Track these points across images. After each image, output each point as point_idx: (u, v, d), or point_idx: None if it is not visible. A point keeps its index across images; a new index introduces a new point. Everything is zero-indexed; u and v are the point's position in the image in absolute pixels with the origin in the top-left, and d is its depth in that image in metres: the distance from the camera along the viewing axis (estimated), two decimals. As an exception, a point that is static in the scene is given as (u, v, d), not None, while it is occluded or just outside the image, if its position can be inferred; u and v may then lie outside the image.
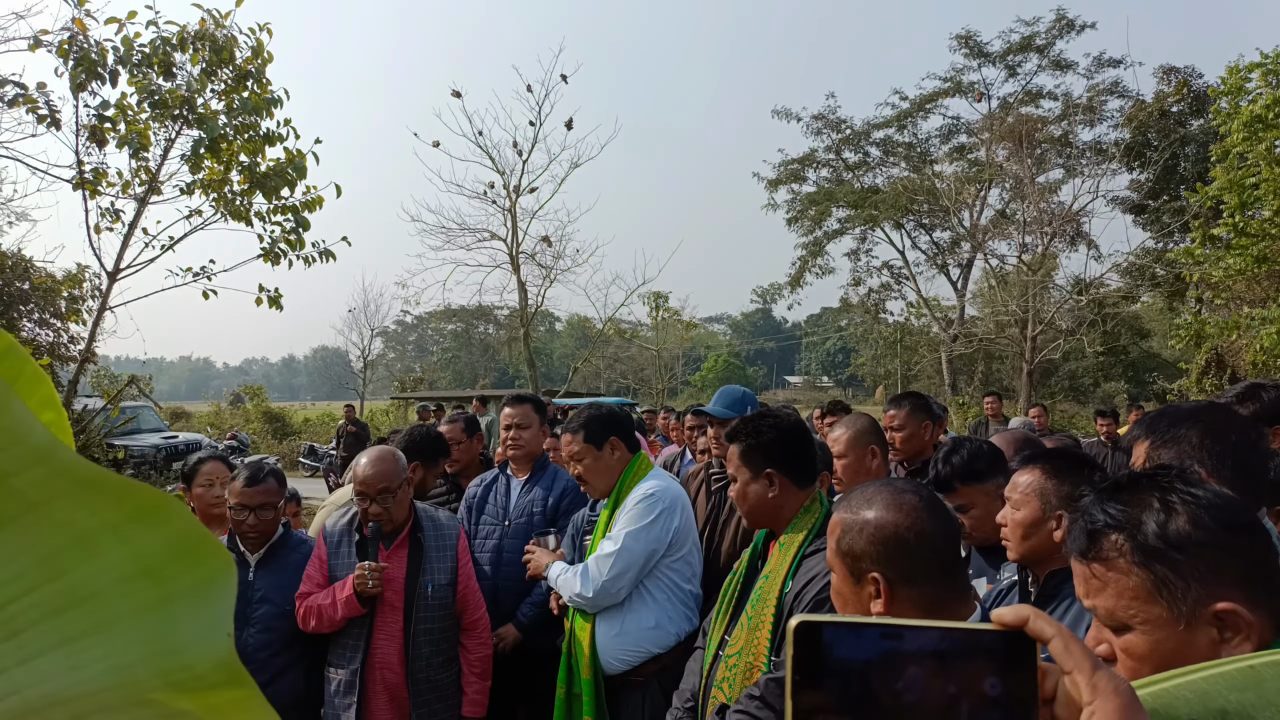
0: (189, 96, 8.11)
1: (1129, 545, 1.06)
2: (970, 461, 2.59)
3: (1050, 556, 2.07)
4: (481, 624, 3.27)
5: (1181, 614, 1.02)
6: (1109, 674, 0.61)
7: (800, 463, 2.41)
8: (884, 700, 0.62)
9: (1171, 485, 1.08)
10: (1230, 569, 1.02)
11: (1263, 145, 16.32)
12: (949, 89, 29.05)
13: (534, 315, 20.87)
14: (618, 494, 3.14)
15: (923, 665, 0.62)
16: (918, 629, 0.63)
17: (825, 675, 0.63)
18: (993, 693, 0.61)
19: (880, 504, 1.51)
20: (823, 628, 0.63)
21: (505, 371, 57.21)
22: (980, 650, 0.62)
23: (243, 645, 3.06)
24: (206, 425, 27.17)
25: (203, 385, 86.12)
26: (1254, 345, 16.65)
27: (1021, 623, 0.63)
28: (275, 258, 8.91)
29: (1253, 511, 1.08)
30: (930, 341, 31.84)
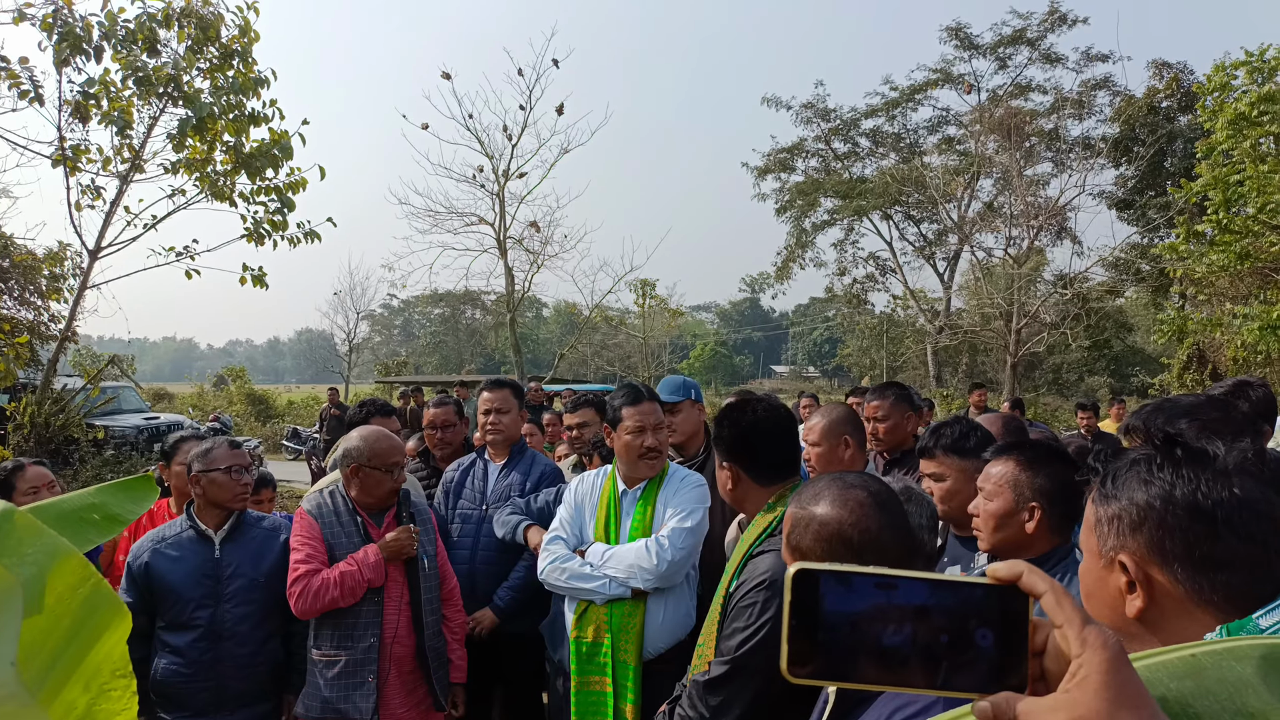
0: (174, 74, 8.03)
1: (1096, 486, 1.21)
2: (959, 437, 2.60)
3: (1022, 548, 2.07)
4: (456, 592, 3.38)
5: (1103, 553, 1.16)
6: (1098, 628, 0.62)
7: (760, 458, 2.38)
8: (875, 648, 0.63)
9: (1153, 455, 1.16)
10: (1149, 533, 1.11)
11: (1247, 142, 16.42)
12: (938, 80, 29.07)
13: (521, 300, 20.82)
14: (659, 480, 3.11)
15: (915, 616, 0.63)
16: (912, 581, 0.64)
17: (820, 623, 0.64)
18: (984, 644, 0.63)
19: (827, 499, 1.52)
20: (820, 576, 0.65)
21: (491, 357, 57.04)
22: (973, 604, 0.64)
23: (221, 620, 3.08)
24: (189, 407, 27.02)
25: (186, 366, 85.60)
26: (1235, 341, 16.81)
27: (1015, 577, 0.64)
28: (259, 238, 8.85)
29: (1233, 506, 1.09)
30: (916, 333, 31.97)
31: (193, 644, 3.07)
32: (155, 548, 3.16)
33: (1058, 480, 2.07)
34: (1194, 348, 18.43)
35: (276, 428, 25.18)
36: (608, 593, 2.93)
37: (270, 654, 3.19)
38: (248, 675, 3.11)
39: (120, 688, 0.93)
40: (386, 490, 3.16)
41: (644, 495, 3.09)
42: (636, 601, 2.93)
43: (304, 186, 8.95)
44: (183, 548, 3.15)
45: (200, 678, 3.06)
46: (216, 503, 3.18)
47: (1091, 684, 0.60)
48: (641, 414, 3.07)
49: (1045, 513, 2.07)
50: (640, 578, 2.90)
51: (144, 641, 3.13)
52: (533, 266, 20.01)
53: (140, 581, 3.11)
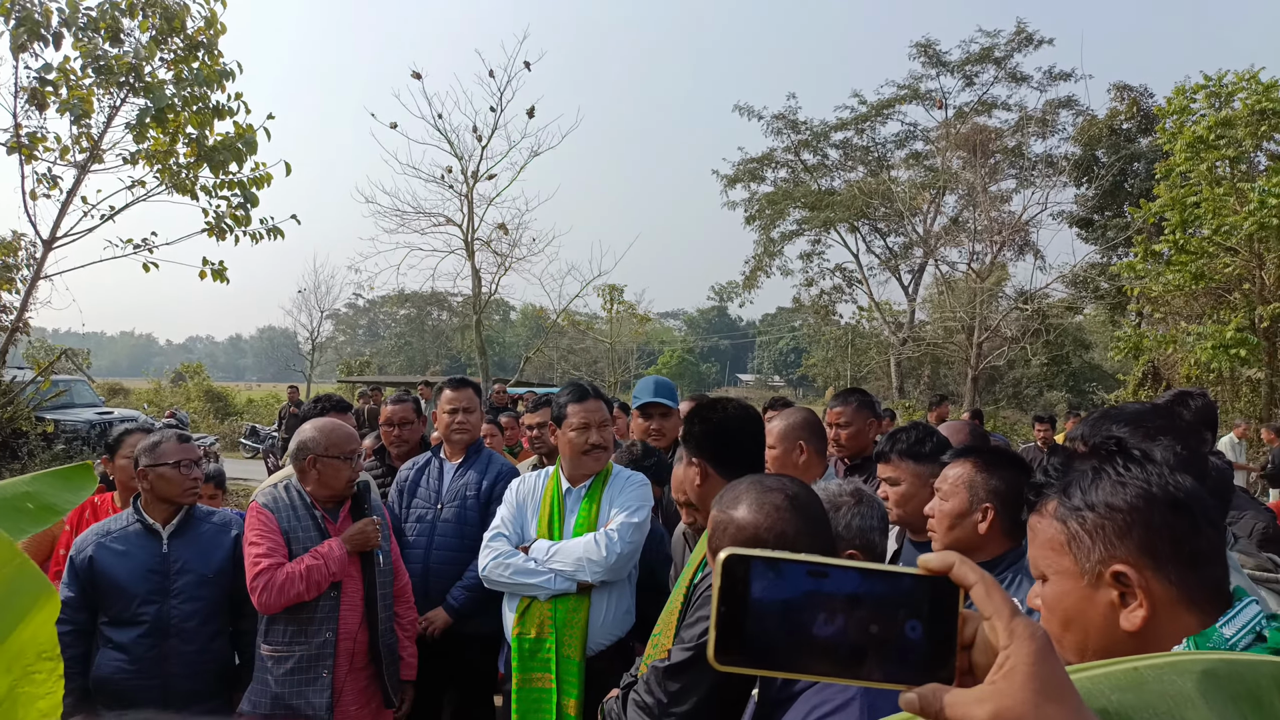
0: (136, 64, 7.88)
1: (1055, 500, 1.14)
2: (915, 442, 2.63)
3: (973, 548, 2.10)
4: (408, 589, 3.36)
5: (1085, 570, 1.09)
6: (1026, 620, 0.62)
7: (731, 455, 2.39)
8: (805, 637, 0.63)
9: (1111, 457, 1.14)
10: (1138, 536, 1.07)
11: (1204, 165, 16.81)
12: (907, 95, 29.42)
13: (488, 303, 20.71)
14: (603, 478, 3.15)
15: (845, 605, 0.63)
16: (843, 570, 0.64)
17: (749, 610, 0.63)
18: (913, 635, 0.63)
19: (745, 504, 1.52)
20: (751, 562, 0.64)
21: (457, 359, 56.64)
22: (903, 594, 0.64)
23: (167, 617, 3.02)
24: (144, 403, 26.50)
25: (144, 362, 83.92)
26: (1189, 360, 17.18)
27: (946, 568, 0.64)
28: (221, 233, 8.70)
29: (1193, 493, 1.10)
30: (880, 345, 32.28)
31: (138, 640, 3.00)
32: (100, 541, 3.08)
33: (1012, 484, 2.11)
34: (1149, 365, 18.77)
35: (235, 425, 24.80)
36: (552, 588, 2.94)
37: (218, 651, 3.14)
38: (195, 673, 3.05)
39: (46, 671, 0.90)
40: (345, 480, 3.11)
41: (589, 493, 3.11)
42: (581, 597, 2.95)
43: (269, 182, 8.82)
44: (129, 542, 3.08)
45: (146, 675, 2.99)
46: (164, 498, 3.11)
47: (1018, 676, 0.60)
48: (587, 411, 3.09)
49: (998, 514, 2.10)
50: (589, 570, 2.91)
51: (85, 638, 3.05)
52: (500, 269, 19.92)
53: (83, 576, 3.03)
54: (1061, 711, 0.59)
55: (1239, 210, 16.17)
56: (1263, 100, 16.36)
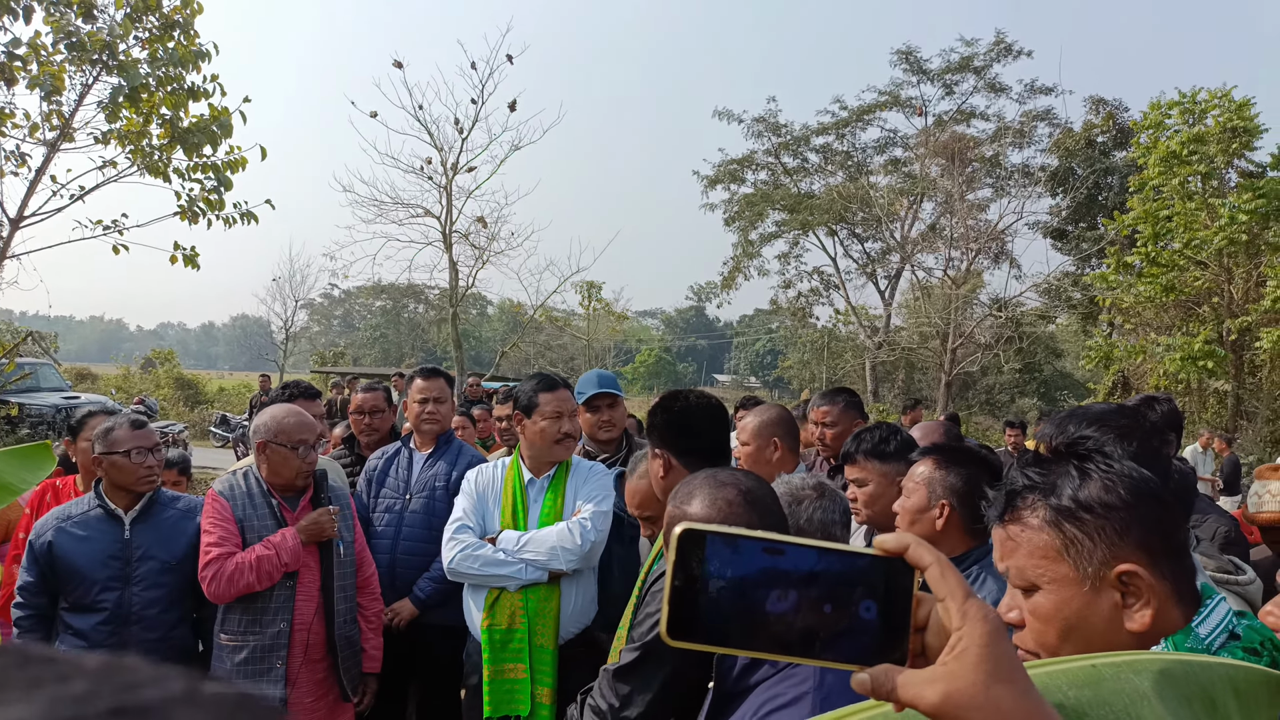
0: (110, 41, 7.74)
1: (1043, 506, 1.10)
2: (880, 442, 2.63)
3: (934, 544, 2.11)
4: (373, 580, 3.30)
5: (1087, 575, 1.06)
6: (979, 602, 0.62)
7: (694, 445, 2.37)
8: (758, 615, 0.62)
9: (1089, 455, 1.12)
10: (1136, 534, 1.05)
11: (1176, 180, 17.07)
12: (887, 102, 29.62)
13: (464, 296, 20.60)
14: (565, 469, 3.15)
15: (800, 583, 0.62)
16: (799, 547, 0.63)
17: (703, 586, 0.62)
18: (867, 615, 0.63)
19: (699, 498, 1.51)
20: (706, 537, 0.63)
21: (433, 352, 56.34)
22: (858, 574, 0.63)
23: (128, 604, 2.96)
24: (112, 388, 26.12)
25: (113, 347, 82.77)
26: (1158, 370, 17.45)
27: (902, 549, 0.64)
28: (193, 216, 8.57)
29: (1164, 485, 1.10)
30: (856, 348, 32.48)
31: (97, 627, 2.95)
32: (60, 526, 3.02)
33: (970, 481, 2.12)
34: (1119, 374, 19.05)
35: (205, 414, 24.50)
36: (523, 578, 2.92)
37: (179, 639, 3.08)
38: (155, 661, 2.98)
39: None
40: (293, 470, 3.04)
41: (553, 484, 3.10)
42: (552, 586, 2.94)
43: (243, 166, 8.70)
44: (90, 527, 3.02)
45: None
46: (119, 485, 3.05)
47: (970, 657, 0.60)
48: (559, 400, 3.10)
49: (955, 510, 2.11)
50: (564, 559, 2.90)
51: (44, 623, 3.00)
52: (478, 262, 19.82)
53: (43, 561, 2.97)
54: (1011, 692, 0.60)
55: (1209, 225, 16.43)
56: (1234, 118, 16.64)
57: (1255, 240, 16.34)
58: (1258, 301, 16.17)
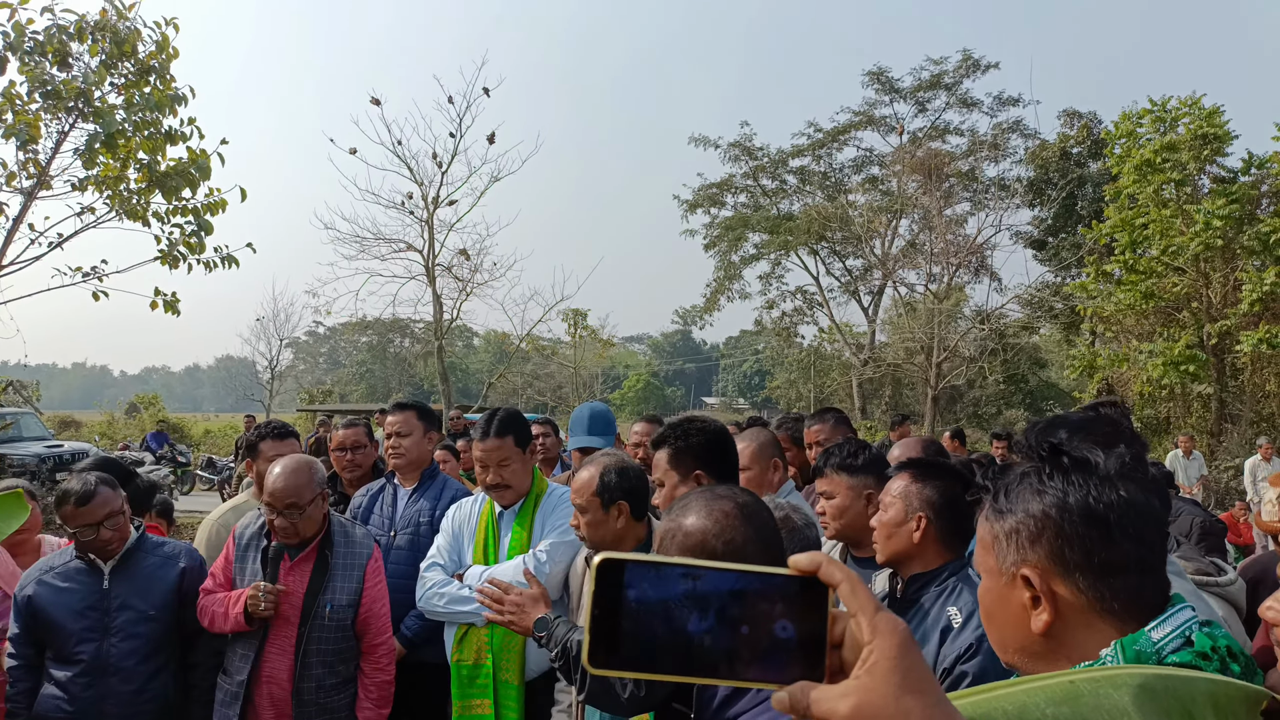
0: (85, 89, 7.76)
1: (988, 503, 1.18)
2: (849, 455, 2.66)
3: (910, 557, 2.14)
4: (382, 649, 3.14)
5: (1003, 570, 1.12)
6: (889, 616, 0.64)
7: (729, 467, 2.41)
8: (679, 639, 0.63)
9: (1041, 465, 1.15)
10: (1047, 544, 1.09)
11: (1151, 188, 17.28)
12: (861, 122, 29.96)
13: (449, 328, 20.58)
14: (535, 500, 3.14)
15: (717, 606, 0.64)
16: (715, 571, 0.65)
17: (624, 613, 0.64)
18: (783, 635, 0.64)
19: (694, 511, 1.49)
20: (625, 565, 0.64)
21: (420, 386, 56.13)
22: (774, 594, 0.65)
23: (105, 655, 2.93)
24: (96, 435, 25.88)
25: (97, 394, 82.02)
26: (1141, 377, 17.56)
27: (815, 568, 0.65)
28: (174, 261, 8.56)
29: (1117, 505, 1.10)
30: (841, 366, 32.60)
31: (74, 679, 2.91)
32: (41, 578, 3.01)
33: (945, 494, 2.15)
34: (1103, 382, 19.15)
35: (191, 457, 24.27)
36: (487, 613, 2.90)
37: (159, 689, 3.02)
38: (132, 713, 2.94)
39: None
40: (278, 529, 3.00)
41: (520, 515, 3.10)
42: None
43: (223, 208, 8.71)
44: (70, 578, 3.00)
45: (83, 715, 2.90)
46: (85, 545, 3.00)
47: (880, 670, 0.61)
48: (483, 450, 3.07)
49: (931, 523, 2.14)
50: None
51: (33, 673, 2.98)
52: (462, 294, 19.82)
53: (25, 613, 2.96)
54: (920, 703, 0.60)
55: (1185, 231, 16.63)
56: (1204, 125, 16.89)
57: (1230, 244, 16.52)
58: (1236, 305, 16.32)
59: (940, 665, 1.96)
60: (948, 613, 2.03)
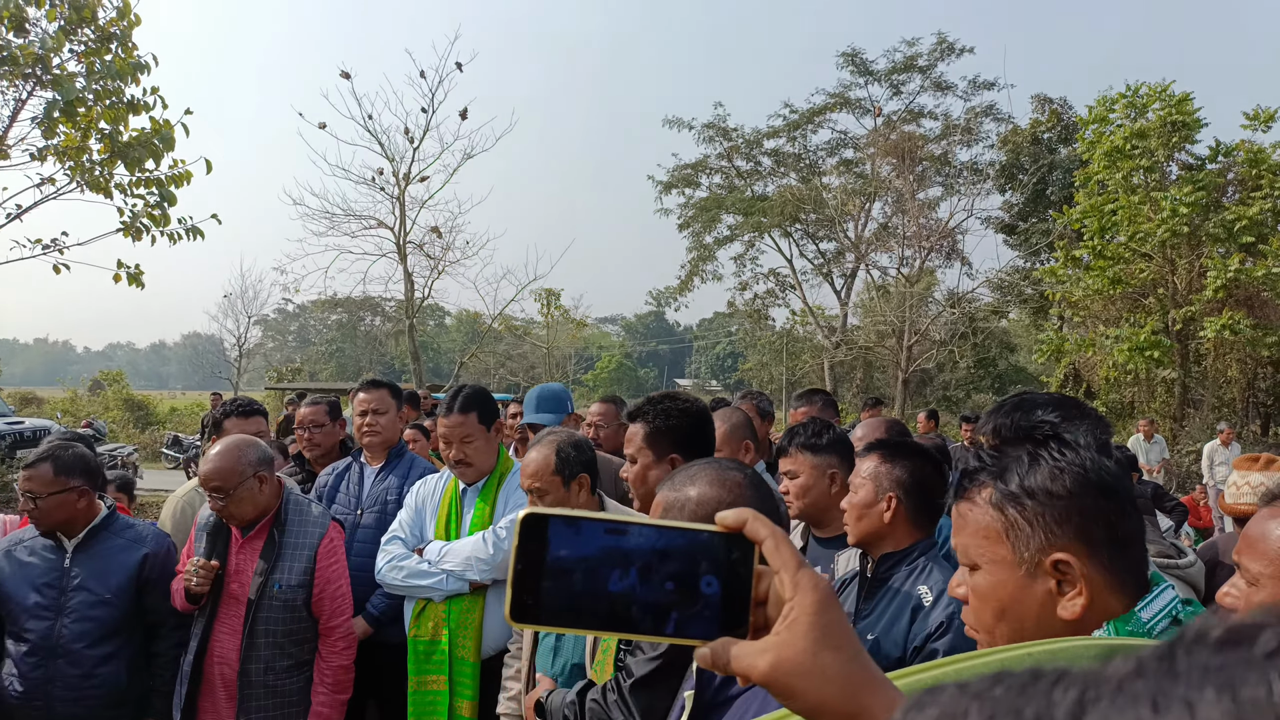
0: (43, 55, 7.53)
1: (990, 487, 1.11)
2: (814, 434, 2.66)
3: (881, 537, 2.15)
4: (339, 632, 3.02)
5: (1024, 559, 1.06)
6: (810, 572, 0.63)
7: (707, 451, 2.36)
8: (602, 594, 0.63)
9: (1045, 442, 1.12)
10: (1076, 523, 1.06)
11: (1120, 174, 17.47)
12: (835, 103, 29.97)
13: (421, 307, 20.41)
14: (499, 477, 3.12)
15: (642, 562, 0.63)
16: (641, 526, 0.65)
17: (546, 568, 0.64)
18: (708, 590, 0.64)
19: (704, 480, 1.46)
20: (549, 521, 0.64)
21: (391, 365, 55.71)
22: (701, 550, 0.64)
23: (56, 635, 2.86)
24: (58, 411, 25.45)
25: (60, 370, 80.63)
26: (1107, 361, 17.81)
27: (741, 524, 0.65)
28: (137, 233, 8.37)
29: (1122, 478, 1.10)
30: (814, 348, 32.77)
31: (24, 658, 2.85)
32: (9, 549, 2.95)
33: (914, 474, 2.16)
34: (1070, 367, 19.41)
35: (156, 435, 23.98)
36: (445, 589, 2.92)
37: (109, 675, 2.91)
38: (76, 699, 2.85)
39: None
40: (214, 510, 2.97)
41: (483, 491, 3.09)
42: (475, 597, 2.92)
43: (188, 180, 8.52)
44: (35, 553, 2.95)
45: (30, 695, 2.83)
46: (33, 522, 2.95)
47: (799, 626, 0.61)
48: (447, 426, 3.07)
49: (901, 503, 2.14)
50: (477, 569, 2.89)
51: None
52: (434, 272, 19.66)
53: None
54: (838, 658, 0.61)
55: (1152, 218, 16.84)
56: (1174, 113, 17.07)
57: (1196, 232, 16.76)
58: (1200, 292, 16.58)
59: (911, 643, 1.97)
60: (918, 591, 2.04)
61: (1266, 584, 1.34)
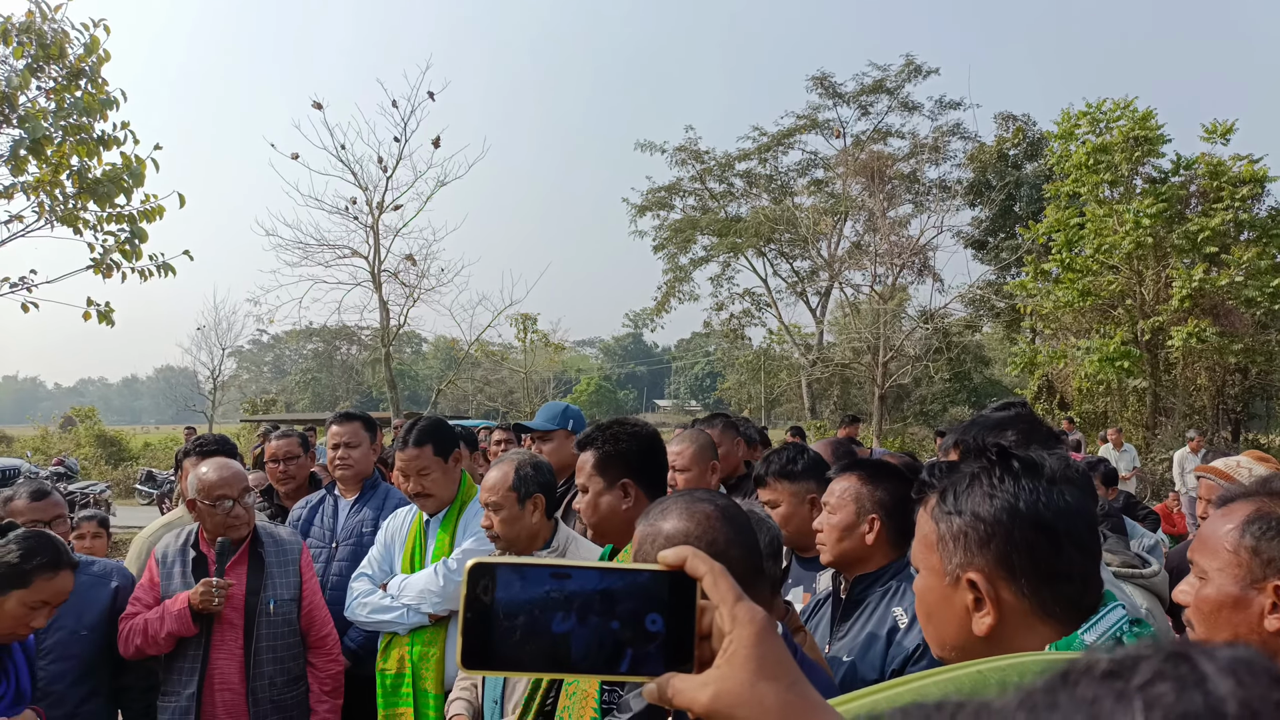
0: (9, 93, 7.50)
1: (934, 500, 1.18)
2: (789, 461, 2.67)
3: (861, 560, 2.15)
4: (330, 640, 3.17)
5: (947, 571, 1.13)
6: (748, 605, 0.65)
7: (659, 474, 2.36)
8: (549, 637, 0.65)
9: (990, 466, 1.16)
10: (996, 549, 1.10)
11: (1085, 188, 17.79)
12: (806, 125, 30.33)
13: (396, 335, 20.34)
14: (460, 506, 3.13)
15: (586, 604, 0.65)
16: (584, 570, 0.67)
17: (495, 614, 0.66)
18: (653, 628, 0.66)
19: (675, 514, 1.47)
20: (496, 568, 0.67)
21: (368, 394, 55.33)
22: (641, 590, 0.66)
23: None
24: (28, 450, 25.03)
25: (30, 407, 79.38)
26: (1079, 373, 18.05)
27: (681, 561, 0.67)
28: (107, 269, 8.31)
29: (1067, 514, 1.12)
30: (791, 367, 32.94)
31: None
32: None
33: (895, 495, 2.16)
34: (1044, 379, 19.64)
35: (130, 470, 23.62)
36: (407, 622, 2.94)
37: (90, 714, 2.90)
38: None
39: None
40: (214, 525, 2.97)
41: (444, 521, 3.11)
42: (436, 629, 2.93)
43: (160, 214, 8.47)
44: None
45: None
46: None
47: (738, 658, 0.63)
48: (403, 460, 3.09)
49: (884, 525, 2.15)
50: (429, 602, 2.91)
51: None
52: (409, 300, 19.64)
53: None
54: (775, 688, 0.62)
55: (1118, 230, 17.14)
56: (1137, 128, 17.42)
57: (1161, 243, 17.07)
58: (1167, 302, 16.87)
59: (889, 666, 1.97)
60: (893, 613, 2.04)
61: (1214, 578, 1.38)
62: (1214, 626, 1.38)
